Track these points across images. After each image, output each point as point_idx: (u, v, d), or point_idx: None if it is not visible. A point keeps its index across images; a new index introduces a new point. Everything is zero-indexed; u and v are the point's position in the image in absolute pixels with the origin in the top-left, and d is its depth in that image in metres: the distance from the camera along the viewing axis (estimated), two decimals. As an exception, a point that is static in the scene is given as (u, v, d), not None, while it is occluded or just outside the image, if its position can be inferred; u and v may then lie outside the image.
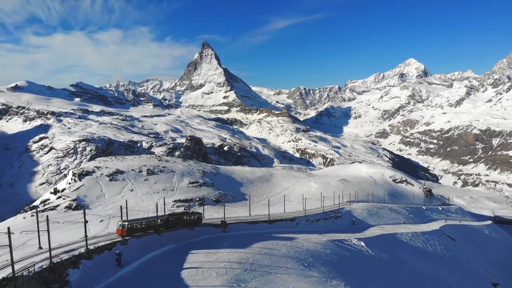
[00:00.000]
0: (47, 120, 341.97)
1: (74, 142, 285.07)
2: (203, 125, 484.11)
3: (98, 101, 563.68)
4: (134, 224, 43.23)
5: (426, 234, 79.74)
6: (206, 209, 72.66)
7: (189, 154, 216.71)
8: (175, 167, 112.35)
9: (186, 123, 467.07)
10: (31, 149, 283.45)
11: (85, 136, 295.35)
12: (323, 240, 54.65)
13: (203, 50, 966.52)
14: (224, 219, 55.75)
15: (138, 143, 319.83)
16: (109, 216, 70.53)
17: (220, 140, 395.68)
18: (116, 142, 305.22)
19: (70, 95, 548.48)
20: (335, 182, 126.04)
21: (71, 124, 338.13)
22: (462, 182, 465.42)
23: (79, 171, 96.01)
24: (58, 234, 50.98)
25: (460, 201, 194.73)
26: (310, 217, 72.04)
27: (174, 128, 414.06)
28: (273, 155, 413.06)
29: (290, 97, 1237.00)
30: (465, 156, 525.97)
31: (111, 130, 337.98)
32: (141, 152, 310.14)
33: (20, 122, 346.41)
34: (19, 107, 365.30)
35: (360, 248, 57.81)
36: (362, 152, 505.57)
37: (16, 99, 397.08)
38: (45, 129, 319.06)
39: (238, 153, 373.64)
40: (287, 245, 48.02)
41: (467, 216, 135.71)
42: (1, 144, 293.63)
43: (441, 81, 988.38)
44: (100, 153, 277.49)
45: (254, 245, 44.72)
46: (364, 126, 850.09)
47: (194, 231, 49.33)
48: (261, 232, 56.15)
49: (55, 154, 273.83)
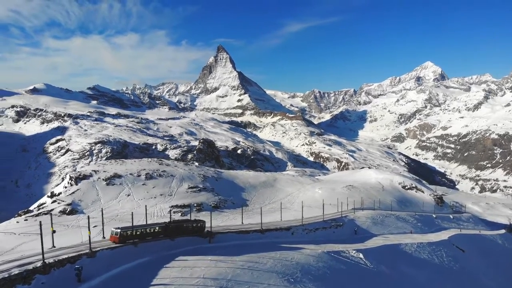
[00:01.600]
0: (64, 122, 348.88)
1: (90, 144, 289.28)
2: (217, 128, 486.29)
3: (115, 104, 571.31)
4: (127, 231, 41.76)
5: (433, 244, 75.12)
6: (203, 216, 70.74)
7: (201, 157, 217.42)
8: (175, 171, 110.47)
9: (200, 126, 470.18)
10: (48, 151, 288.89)
11: (101, 138, 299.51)
12: (317, 252, 51.18)
13: (218, 53, 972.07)
14: (210, 229, 52.37)
15: (153, 145, 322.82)
16: (104, 221, 69.24)
17: (233, 143, 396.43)
18: (131, 145, 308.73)
19: (87, 98, 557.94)
20: (341, 188, 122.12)
21: (87, 127, 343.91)
22: (479, 188, 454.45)
23: (76, 175, 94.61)
24: (48, 240, 50.77)
25: (475, 207, 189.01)
26: (308, 226, 68.22)
27: (188, 131, 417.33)
28: (286, 158, 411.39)
29: (304, 100, 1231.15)
30: (483, 161, 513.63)
31: (127, 133, 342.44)
32: (156, 155, 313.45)
33: (37, 124, 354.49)
34: (37, 109, 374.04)
35: (357, 261, 54.46)
36: (378, 157, 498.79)
37: (34, 101, 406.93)
38: (62, 131, 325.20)
39: (251, 156, 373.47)
40: (275, 257, 44.73)
41: (479, 224, 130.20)
42: (19, 146, 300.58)
43: (459, 85, 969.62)
44: (115, 155, 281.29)
45: (238, 258, 41.65)
46: (380, 130, 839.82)
47: (175, 241, 46.19)
48: (251, 242, 52.76)
49: (71, 156, 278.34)
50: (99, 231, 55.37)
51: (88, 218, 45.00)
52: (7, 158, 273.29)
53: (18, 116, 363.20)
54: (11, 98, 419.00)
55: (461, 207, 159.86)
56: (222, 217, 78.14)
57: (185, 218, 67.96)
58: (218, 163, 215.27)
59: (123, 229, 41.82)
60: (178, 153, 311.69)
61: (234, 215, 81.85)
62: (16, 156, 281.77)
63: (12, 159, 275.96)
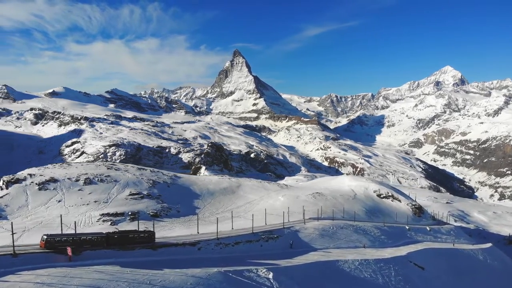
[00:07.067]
0: (81, 125, 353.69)
1: (104, 147, 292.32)
2: (231, 131, 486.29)
3: (132, 107, 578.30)
4: (56, 238, 41.89)
5: (381, 262, 64.45)
6: (134, 225, 66.15)
7: (209, 160, 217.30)
8: (121, 177, 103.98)
9: (214, 129, 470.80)
10: (64, 153, 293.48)
11: (115, 141, 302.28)
12: (208, 272, 41.38)
13: (234, 58, 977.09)
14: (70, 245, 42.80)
15: (166, 148, 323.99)
16: (24, 228, 65.04)
17: (247, 147, 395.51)
18: (145, 148, 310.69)
19: (105, 101, 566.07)
20: (306, 196, 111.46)
21: (103, 129, 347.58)
22: (499, 195, 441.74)
23: (8, 178, 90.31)
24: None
25: (481, 216, 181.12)
26: (225, 240, 59.41)
27: (202, 135, 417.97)
28: (300, 163, 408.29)
29: (321, 105, 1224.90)
30: (503, 168, 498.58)
31: (141, 136, 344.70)
32: (169, 158, 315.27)
33: (55, 126, 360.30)
34: (55, 112, 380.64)
35: (262, 282, 44.42)
36: (394, 162, 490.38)
37: (53, 104, 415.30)
38: (78, 134, 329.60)
39: (264, 160, 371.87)
40: (140, 281, 35.55)
41: (462, 237, 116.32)
42: (36, 148, 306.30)
43: (479, 90, 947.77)
44: (129, 158, 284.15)
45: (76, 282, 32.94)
46: (398, 135, 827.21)
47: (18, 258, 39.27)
48: (131, 261, 43.58)
49: (86, 158, 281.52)
50: (16, 238, 54.83)
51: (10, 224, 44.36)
52: (25, 160, 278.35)
53: (36, 119, 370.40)
54: (31, 101, 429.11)
55: (465, 216, 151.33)
56: (157, 227, 69.45)
57: (130, 229, 63.02)
58: (226, 166, 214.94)
59: (52, 236, 42.28)
60: (191, 156, 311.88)
61: (173, 225, 76.26)
62: (33, 158, 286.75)
63: (30, 161, 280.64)
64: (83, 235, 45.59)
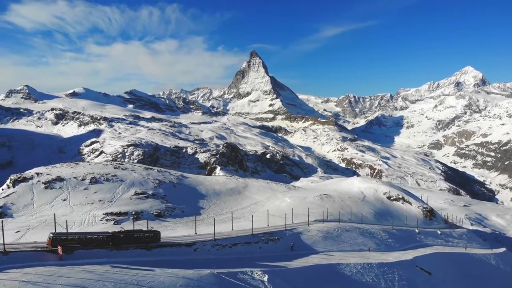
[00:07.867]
0: (100, 125, 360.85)
1: (122, 146, 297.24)
2: (247, 132, 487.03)
3: (150, 108, 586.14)
4: (62, 237, 42.53)
5: (385, 266, 62.06)
6: (137, 225, 66.38)
7: (224, 161, 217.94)
8: (128, 176, 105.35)
9: (231, 130, 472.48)
10: (83, 153, 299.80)
11: (133, 141, 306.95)
12: (201, 274, 40.37)
13: (251, 58, 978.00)
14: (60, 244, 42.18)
15: (183, 149, 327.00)
16: (28, 227, 65.67)
17: (263, 147, 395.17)
18: (163, 148, 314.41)
19: (124, 102, 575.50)
20: (313, 198, 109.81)
21: (121, 130, 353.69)
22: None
23: (16, 177, 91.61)
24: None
25: (499, 220, 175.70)
26: (222, 241, 58.06)
27: (219, 135, 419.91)
28: (316, 164, 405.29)
29: (338, 105, 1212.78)
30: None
31: (159, 136, 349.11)
32: (186, 158, 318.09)
33: (75, 126, 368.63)
34: (75, 112, 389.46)
35: (256, 285, 43.48)
36: (413, 164, 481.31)
37: (73, 104, 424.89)
38: (97, 134, 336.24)
39: (280, 161, 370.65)
40: (127, 281, 34.80)
41: (474, 242, 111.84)
42: (56, 147, 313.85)
43: (500, 91, 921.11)
44: (147, 158, 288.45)
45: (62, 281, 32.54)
46: (417, 136, 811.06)
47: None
48: (123, 261, 42.49)
49: (104, 158, 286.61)
50: (19, 236, 55.30)
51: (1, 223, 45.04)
52: (45, 159, 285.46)
53: (56, 119, 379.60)
54: (51, 101, 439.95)
55: (484, 219, 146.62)
56: (160, 227, 69.43)
57: (136, 229, 65.79)
58: (241, 167, 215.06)
59: (58, 235, 42.90)
60: (208, 157, 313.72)
61: (176, 225, 75.18)
62: (53, 157, 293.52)
63: (50, 160, 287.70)
64: (89, 234, 46.24)
